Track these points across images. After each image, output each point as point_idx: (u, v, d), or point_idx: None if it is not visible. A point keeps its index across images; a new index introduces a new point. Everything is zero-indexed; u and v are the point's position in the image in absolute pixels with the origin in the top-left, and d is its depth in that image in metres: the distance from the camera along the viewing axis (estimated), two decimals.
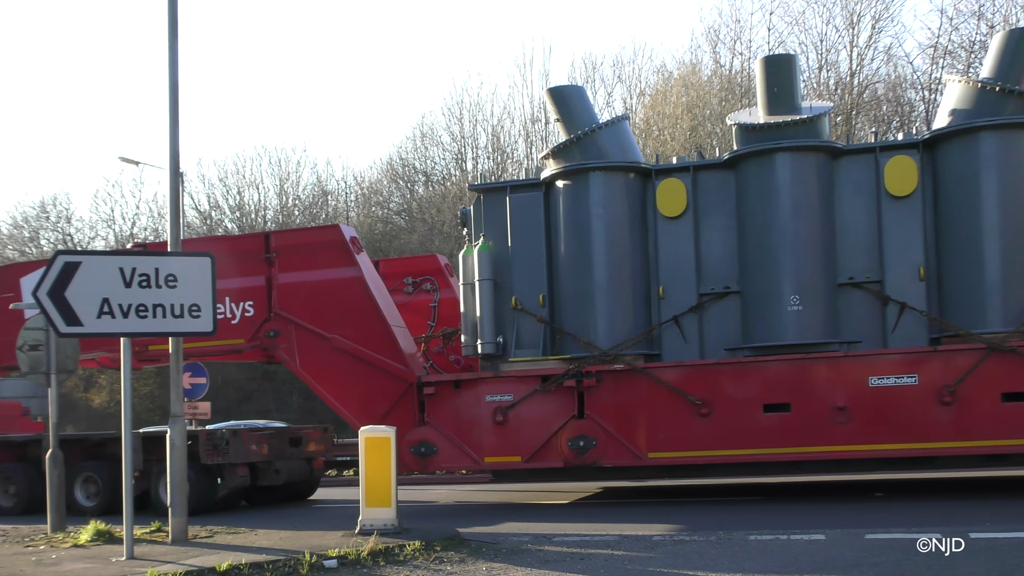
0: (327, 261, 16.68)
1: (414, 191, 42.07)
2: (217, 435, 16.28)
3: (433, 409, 15.97)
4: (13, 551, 11.43)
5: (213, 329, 11.58)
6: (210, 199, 44.43)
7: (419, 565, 10.03)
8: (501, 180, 20.77)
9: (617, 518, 13.72)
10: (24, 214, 50.02)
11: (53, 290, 10.70)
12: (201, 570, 9.64)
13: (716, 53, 36.97)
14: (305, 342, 16.68)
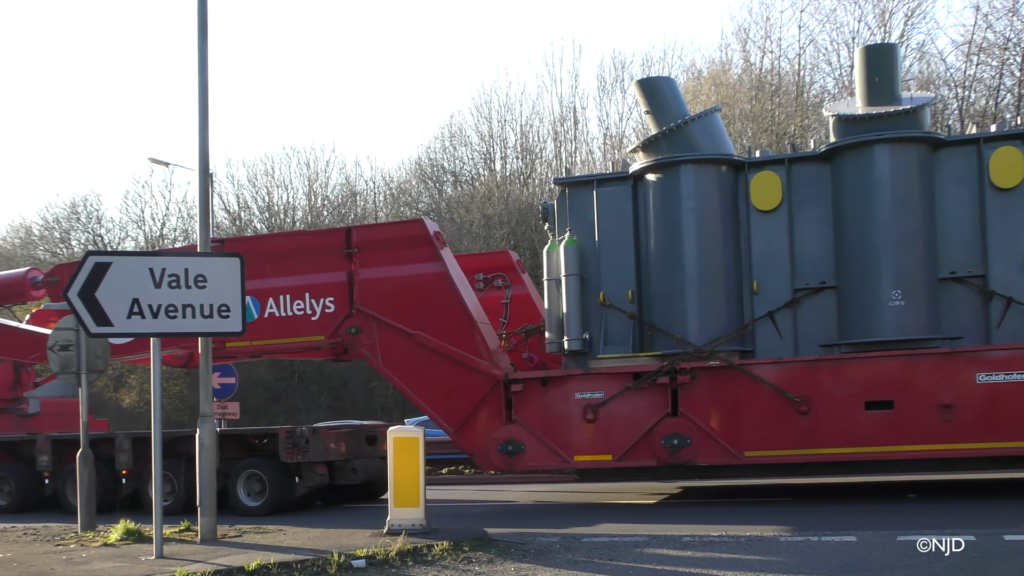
0: (410, 256, 16.44)
1: (443, 191, 42.10)
2: (297, 433, 16.05)
3: (521, 407, 15.69)
4: (44, 550, 11.52)
5: (242, 329, 11.61)
6: (239, 200, 44.71)
7: (447, 565, 10.02)
8: (587, 174, 20.44)
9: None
10: (55, 215, 50.51)
11: (83, 290, 10.77)
12: (230, 569, 9.66)
13: (746, 52, 36.75)
14: (388, 339, 16.44)
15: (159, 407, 11.35)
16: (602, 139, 40.83)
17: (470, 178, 41.82)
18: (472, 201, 37.38)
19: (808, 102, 33.35)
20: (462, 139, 42.61)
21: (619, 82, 40.76)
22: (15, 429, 22.73)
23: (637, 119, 40.45)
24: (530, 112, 41.67)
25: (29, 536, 13.01)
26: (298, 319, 16.85)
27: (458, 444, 16.61)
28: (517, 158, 41.70)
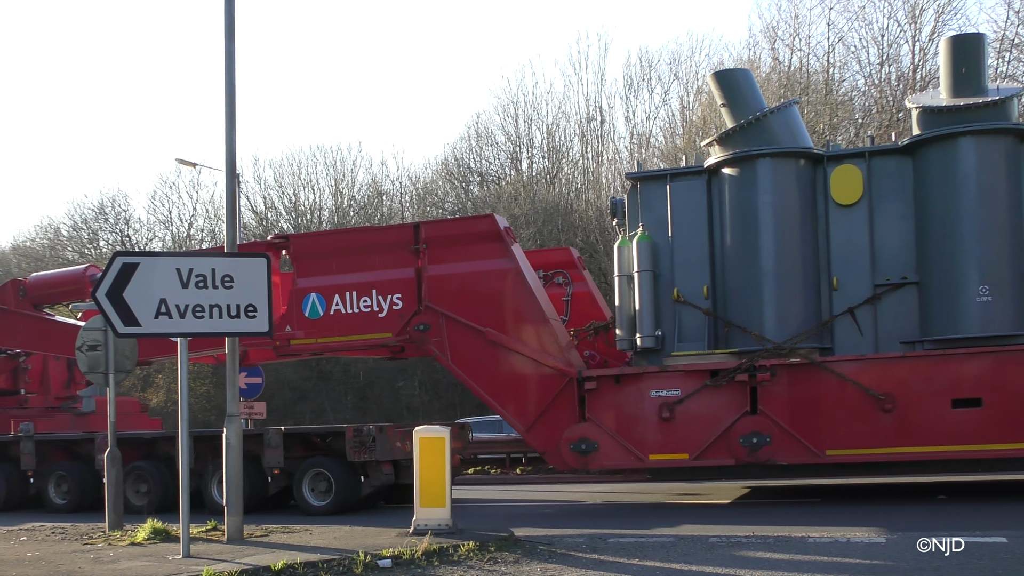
0: (481, 252, 16.24)
1: (469, 191, 42.08)
2: (364, 431, 15.84)
3: (594, 405, 15.46)
4: (72, 549, 11.58)
5: (269, 330, 11.61)
6: (266, 200, 44.87)
7: (473, 565, 10.02)
8: (661, 168, 20.25)
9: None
10: (83, 215, 50.88)
11: (111, 291, 10.83)
12: (256, 569, 9.68)
13: (774, 50, 36.46)
14: (457, 336, 16.25)
15: (186, 407, 11.39)
16: (629, 138, 40.70)
17: (496, 178, 41.78)
18: (498, 201, 37.33)
19: (837, 100, 33.06)
20: (488, 138, 42.59)
21: (646, 80, 40.62)
22: (71, 428, 22.60)
23: (664, 118, 40.36)
24: (556, 111, 41.61)
25: (57, 535, 13.10)
26: (365, 316, 16.68)
27: (529, 443, 16.45)
28: (543, 158, 41.62)
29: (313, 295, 16.91)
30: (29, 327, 21.80)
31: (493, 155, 42.61)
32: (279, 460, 16.31)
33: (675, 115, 39.91)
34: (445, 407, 33.61)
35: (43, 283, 22.48)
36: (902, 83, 32.77)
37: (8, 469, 19.07)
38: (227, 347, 12.56)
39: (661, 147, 38.39)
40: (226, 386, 12.63)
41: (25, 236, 58.08)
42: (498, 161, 42.45)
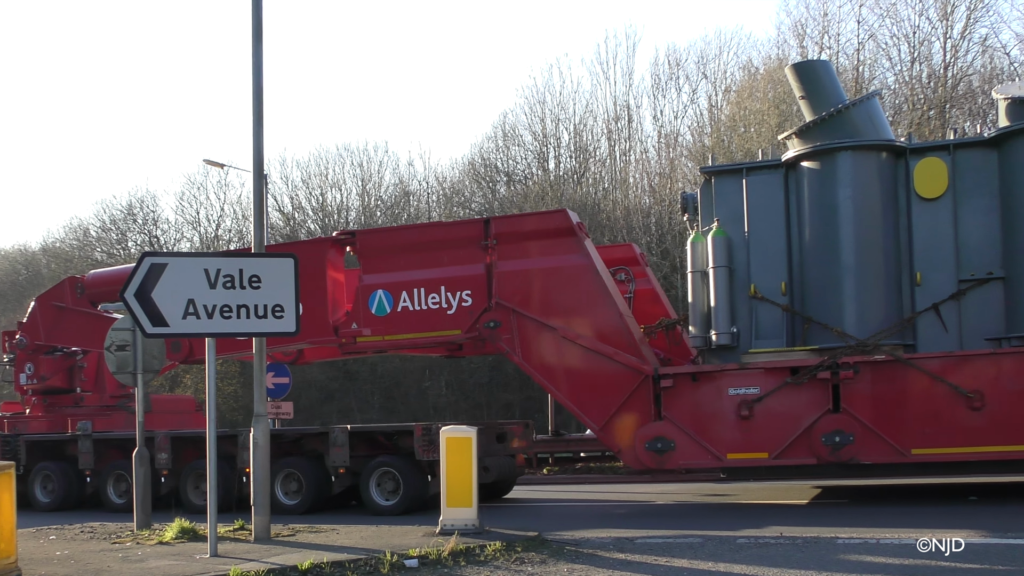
0: (553, 247, 15.95)
1: (496, 191, 42.07)
2: (432, 430, 15.51)
3: (670, 403, 15.15)
4: (100, 548, 11.65)
5: (296, 330, 11.58)
6: (293, 200, 45.05)
7: (500, 566, 10.01)
8: (736, 162, 19.92)
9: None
10: (112, 216, 51.24)
11: (140, 291, 10.87)
12: (283, 568, 9.70)
13: (803, 48, 36.21)
14: (528, 333, 16.01)
15: (214, 407, 11.43)
16: (656, 137, 40.57)
17: (523, 177, 41.74)
18: (525, 201, 37.30)
19: None
20: (515, 138, 42.55)
21: (673, 79, 40.47)
22: (127, 426, 22.34)
23: (692, 117, 40.19)
24: (584, 110, 41.50)
25: (86, 534, 13.19)
26: (433, 313, 16.47)
27: (603, 441, 16.23)
28: (570, 157, 41.53)
29: (380, 292, 16.71)
30: (87, 325, 21.68)
31: (520, 155, 42.59)
32: (344, 459, 16.14)
33: (703, 114, 39.78)
34: (472, 407, 33.63)
35: (101, 280, 22.27)
36: (933, 81, 32.49)
37: (65, 468, 19.02)
38: (254, 347, 12.57)
39: (689, 146, 38.25)
40: (254, 386, 12.66)
41: (55, 237, 58.52)
42: (525, 161, 42.41)
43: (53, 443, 19.73)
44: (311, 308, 16.56)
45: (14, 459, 18.56)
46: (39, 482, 19.15)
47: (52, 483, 19.06)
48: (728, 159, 33.50)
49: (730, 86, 39.25)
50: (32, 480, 19.11)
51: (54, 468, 19.07)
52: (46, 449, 19.51)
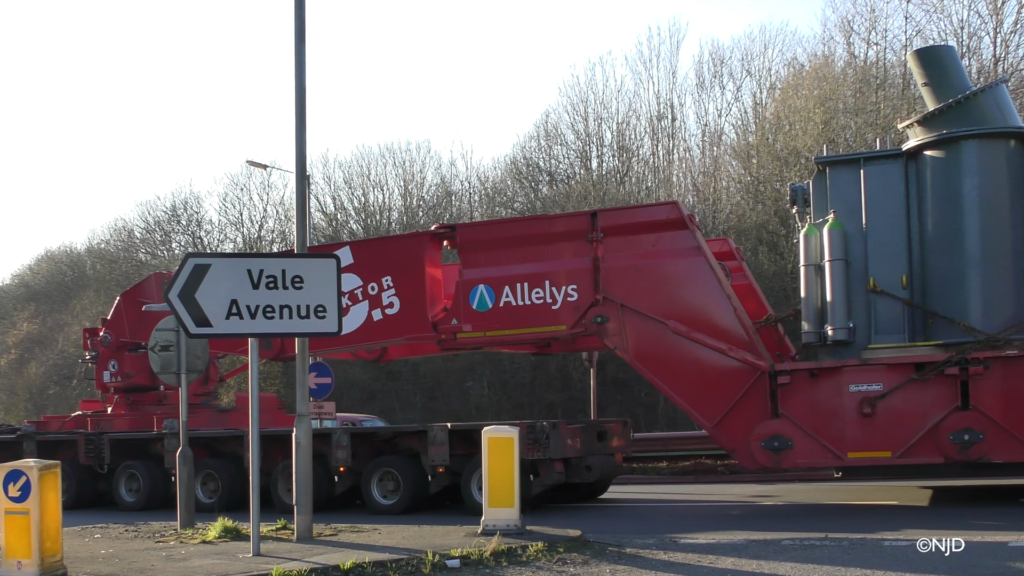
0: (664, 240, 15.59)
1: (538, 191, 41.99)
2: (537, 428, 15.13)
3: (787, 400, 14.73)
4: (144, 546, 11.75)
5: (338, 330, 11.56)
6: (335, 201, 45.27)
7: (541, 566, 10.00)
8: (853, 152, 19.37)
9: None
10: (156, 218, 51.80)
11: (183, 292, 10.93)
12: (325, 568, 9.73)
13: (850, 44, 35.81)
14: (638, 328, 15.58)
15: (256, 407, 11.47)
16: (700, 135, 40.30)
17: (565, 177, 41.64)
18: (568, 200, 37.19)
19: (915, 95, 32.33)
20: (558, 137, 42.46)
21: (717, 77, 40.19)
22: (212, 424, 21.89)
23: (736, 115, 39.88)
24: (627, 109, 41.34)
25: (131, 533, 13.30)
26: (537, 308, 16.12)
27: (716, 440, 15.88)
28: (613, 156, 41.36)
29: (481, 287, 16.41)
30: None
31: (563, 154, 42.48)
32: (444, 458, 15.80)
33: (747, 112, 39.46)
34: (514, 407, 33.60)
35: None
36: (983, 76, 31.93)
37: (151, 467, 18.71)
38: (297, 348, 12.63)
39: (733, 144, 37.96)
40: (296, 386, 12.71)
41: (99, 238, 59.31)
42: (567, 160, 42.30)
43: (138, 441, 19.35)
44: (409, 304, 16.55)
45: (98, 458, 18.80)
46: (124, 481, 18.91)
47: (137, 482, 18.75)
48: (773, 158, 33.20)
49: (775, 83, 38.91)
50: (116, 479, 18.88)
51: (139, 467, 18.74)
52: (131, 448, 19.17)
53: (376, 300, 16.94)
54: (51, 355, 50.94)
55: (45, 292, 61.06)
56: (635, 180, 39.83)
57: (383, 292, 16.89)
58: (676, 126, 40.56)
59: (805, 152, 31.68)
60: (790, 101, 34.60)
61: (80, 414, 23.78)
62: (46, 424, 23.56)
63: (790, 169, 31.69)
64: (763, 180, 33.07)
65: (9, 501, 9.20)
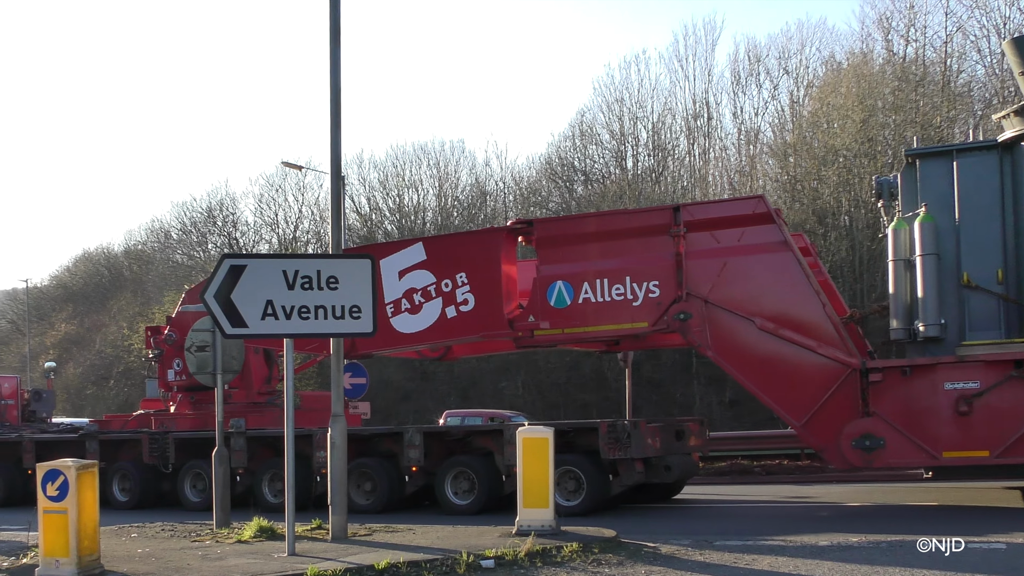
0: (750, 235, 15.15)
1: (573, 190, 41.94)
2: (618, 427, 14.80)
3: (879, 398, 14.29)
4: (180, 545, 11.80)
5: (373, 330, 11.54)
6: (370, 201, 45.46)
7: (576, 567, 9.94)
8: (944, 144, 19.19)
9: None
10: (192, 219, 52.28)
11: (219, 292, 10.95)
12: (360, 568, 9.71)
13: (888, 41, 35.47)
14: (723, 325, 15.17)
15: (291, 406, 11.50)
16: (736, 134, 40.08)
17: (600, 176, 41.56)
18: (603, 200, 37.12)
19: (955, 92, 31.97)
20: (592, 137, 42.39)
21: (754, 75, 39.94)
22: (278, 424, 21.86)
23: (773, 113, 39.62)
24: (662, 108, 41.21)
25: (167, 532, 13.36)
26: (617, 305, 15.68)
27: (803, 439, 15.60)
28: (648, 155, 41.25)
29: (559, 283, 16.01)
30: None
31: (597, 154, 42.44)
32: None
33: (784, 110, 39.22)
34: (548, 407, 33.57)
35: None
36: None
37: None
38: (331, 348, 12.64)
39: (770, 143, 37.72)
40: (331, 386, 12.73)
41: (136, 239, 59.99)
42: (602, 160, 42.24)
43: (204, 441, 18.50)
44: (485, 301, 16.20)
45: (163, 458, 18.52)
46: (188, 481, 18.59)
47: (203, 481, 18.32)
48: (810, 156, 32.93)
49: (812, 81, 38.62)
50: (181, 479, 18.59)
51: (204, 466, 18.12)
52: (196, 447, 18.64)
53: (450, 297, 16.54)
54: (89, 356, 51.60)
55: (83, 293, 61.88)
56: (671, 180, 39.70)
57: (457, 289, 16.47)
58: (712, 125, 40.42)
59: (843, 150, 31.40)
60: (828, 99, 34.33)
61: (142, 413, 23.43)
62: (108, 423, 23.34)
63: (828, 167, 31.44)
64: (800, 179, 32.83)
65: (48, 500, 9.28)
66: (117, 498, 19.10)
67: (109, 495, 18.98)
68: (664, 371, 32.83)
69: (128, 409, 39.33)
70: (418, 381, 36.65)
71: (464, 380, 36.28)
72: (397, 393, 36.10)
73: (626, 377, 19.44)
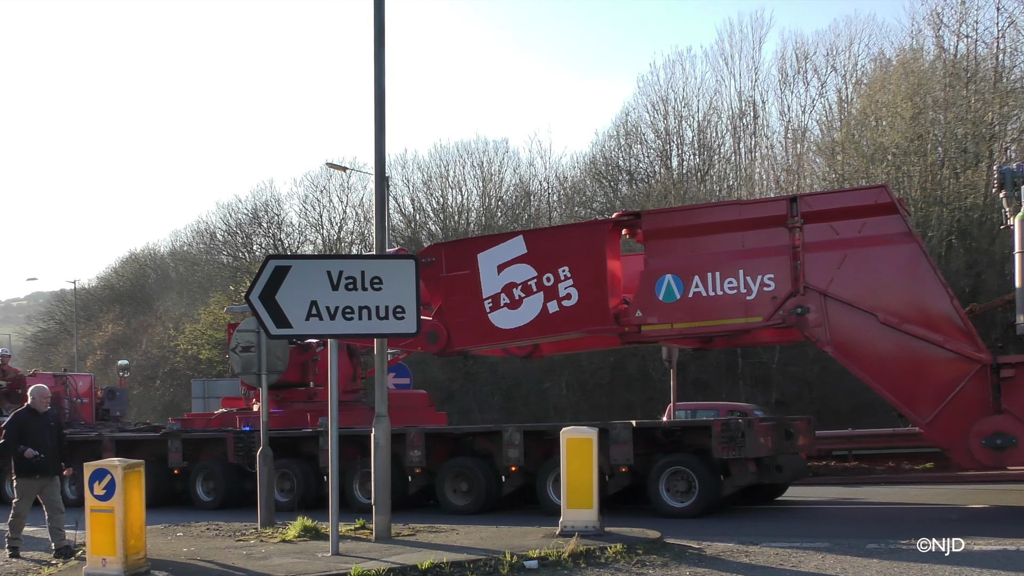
0: (872, 226, 14.60)
1: (617, 190, 41.75)
2: (732, 426, 14.41)
3: (1011, 395, 13.71)
4: (225, 545, 11.88)
5: (416, 331, 11.51)
6: (414, 202, 45.57)
7: (620, 568, 9.90)
8: None
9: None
10: (237, 220, 52.71)
11: (264, 293, 11.02)
12: (403, 568, 9.73)
13: (939, 37, 34.87)
14: (842, 319, 14.62)
15: (335, 406, 11.51)
16: (783, 133, 39.69)
17: (645, 176, 41.34)
18: (648, 200, 36.89)
19: (1007, 88, 31.37)
20: (637, 136, 42.19)
21: (801, 73, 39.51)
22: (366, 422, 20.02)
23: (821, 111, 39.21)
24: (708, 107, 40.92)
25: (211, 531, 13.47)
26: (730, 299, 15.17)
27: (928, 437, 15.18)
28: (694, 155, 40.97)
29: (668, 277, 15.51)
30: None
31: (642, 153, 42.21)
32: (628, 457, 15.00)
33: (832, 108, 38.78)
34: (592, 408, 33.44)
35: None
36: None
37: (303, 467, 18.01)
38: (376, 348, 12.66)
39: (817, 141, 37.31)
40: (375, 387, 12.74)
41: (182, 240, 60.61)
42: (647, 159, 42.01)
43: (290, 440, 18.42)
44: (589, 295, 15.77)
45: (248, 457, 17.67)
46: (275, 481, 17.69)
47: (290, 481, 17.99)
48: (858, 154, 32.52)
49: (861, 78, 38.14)
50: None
51: (292, 466, 17.97)
52: (283, 446, 17.76)
53: (552, 291, 16.06)
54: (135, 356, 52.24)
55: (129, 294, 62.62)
56: (716, 179, 39.43)
57: (560, 283, 15.99)
58: (758, 123, 40.09)
59: (892, 148, 30.96)
60: (877, 96, 33.87)
61: (225, 412, 23.06)
62: (190, 422, 22.98)
63: (876, 166, 31.02)
64: (848, 177, 32.42)
65: (95, 499, 9.39)
66: (201, 498, 18.92)
67: (193, 495, 18.96)
68: (709, 371, 32.58)
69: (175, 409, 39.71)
70: (461, 381, 36.67)
71: (508, 381, 36.24)
72: (441, 393, 36.12)
73: (671, 377, 19.28)
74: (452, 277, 16.70)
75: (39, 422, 12.21)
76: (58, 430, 12.47)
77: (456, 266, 16.77)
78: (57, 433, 12.40)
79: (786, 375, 32.00)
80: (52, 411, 12.73)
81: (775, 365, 31.83)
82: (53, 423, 12.43)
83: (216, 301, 46.00)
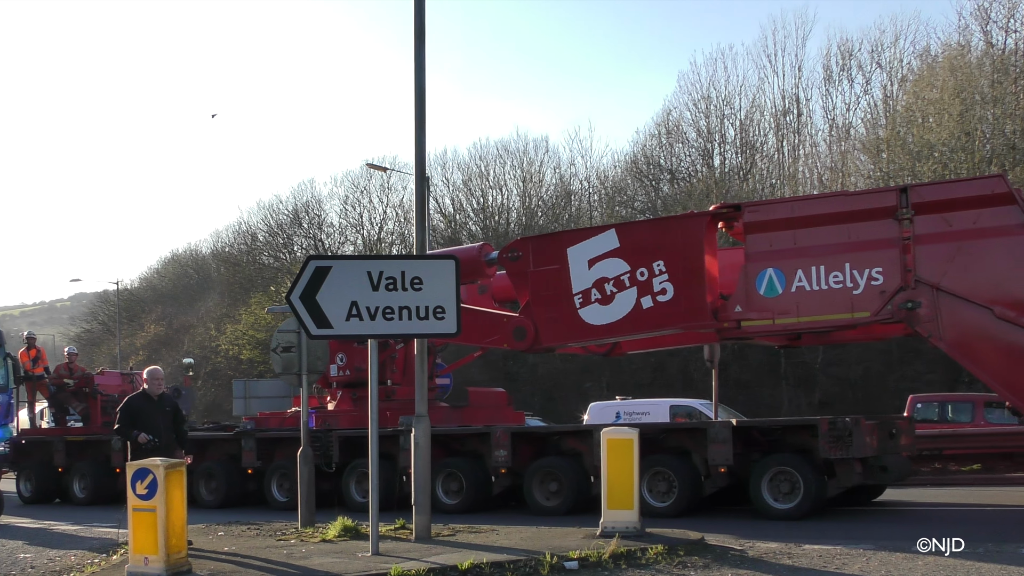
0: (986, 217, 13.97)
1: (659, 189, 41.56)
2: (839, 424, 13.96)
3: None
4: (266, 544, 11.93)
5: (457, 331, 11.47)
6: (454, 202, 45.65)
7: (661, 570, 9.83)
8: None
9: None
10: (278, 221, 53.08)
11: (305, 294, 11.06)
12: (443, 568, 9.71)
13: (986, 32, 34.37)
14: (955, 314, 14.00)
15: (375, 406, 11.53)
16: (827, 131, 39.29)
17: (687, 175, 41.12)
18: (689, 199, 36.68)
19: None
20: (679, 135, 41.98)
21: (846, 70, 39.11)
22: (447, 421, 19.86)
23: (866, 108, 38.77)
24: (750, 105, 40.64)
25: (252, 530, 13.54)
26: (835, 293, 14.60)
27: None
28: (736, 153, 40.71)
29: (770, 270, 15.03)
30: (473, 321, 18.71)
31: (684, 152, 42.00)
32: (727, 457, 14.64)
33: (877, 105, 38.33)
34: None
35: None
36: None
37: (384, 467, 16.82)
38: (416, 348, 12.67)
39: (862, 139, 36.90)
40: (415, 387, 12.74)
41: (224, 241, 61.07)
42: (689, 158, 41.79)
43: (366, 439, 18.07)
44: (685, 289, 15.28)
45: (325, 456, 17.49)
46: (354, 481, 17.69)
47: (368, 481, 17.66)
48: (904, 152, 32.10)
49: (906, 75, 37.67)
50: (346, 479, 17.74)
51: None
52: (361, 446, 16.58)
53: (646, 286, 15.51)
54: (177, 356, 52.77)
55: (171, 295, 63.22)
56: (759, 177, 39.12)
57: (654, 278, 15.44)
58: (802, 121, 39.75)
59: (939, 145, 30.54)
60: (923, 93, 33.46)
61: (299, 410, 23.08)
62: (265, 421, 22.79)
63: (922, 163, 30.62)
64: (893, 175, 32.03)
65: (137, 499, 9.46)
66: (276, 498, 18.50)
67: (268, 495, 18.60)
68: (751, 372, 32.32)
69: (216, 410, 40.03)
70: (501, 382, 36.56)
71: (547, 381, 36.15)
72: None
73: (713, 378, 19.09)
74: (540, 272, 16.26)
75: (152, 407, 11.95)
76: (175, 415, 12.24)
77: (544, 261, 16.31)
78: (174, 418, 12.18)
79: (829, 375, 31.67)
80: (168, 396, 12.51)
81: (818, 365, 31.52)
82: (169, 408, 12.20)
83: (257, 301, 46.34)
